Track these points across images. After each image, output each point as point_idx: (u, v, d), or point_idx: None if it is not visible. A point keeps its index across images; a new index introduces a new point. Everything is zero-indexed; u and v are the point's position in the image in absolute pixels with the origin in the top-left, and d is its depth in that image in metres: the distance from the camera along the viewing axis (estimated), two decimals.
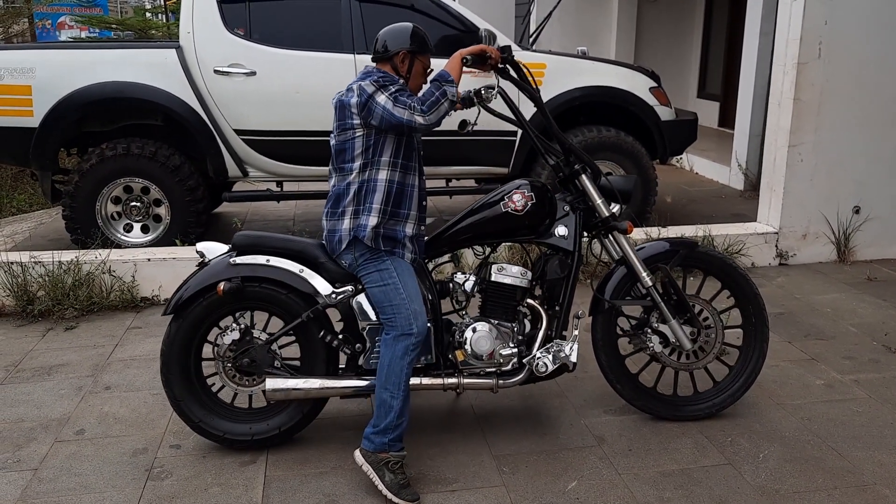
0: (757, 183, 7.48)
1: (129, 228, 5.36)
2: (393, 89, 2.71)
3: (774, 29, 7.27)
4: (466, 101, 3.20)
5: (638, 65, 6.22)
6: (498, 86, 3.08)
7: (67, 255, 4.56)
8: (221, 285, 2.88)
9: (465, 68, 2.86)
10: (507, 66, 3.02)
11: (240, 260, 2.97)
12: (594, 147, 5.48)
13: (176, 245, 4.99)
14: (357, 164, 2.80)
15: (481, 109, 3.19)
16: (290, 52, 5.23)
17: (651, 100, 5.72)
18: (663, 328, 3.12)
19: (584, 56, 5.98)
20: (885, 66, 5.01)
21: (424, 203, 2.99)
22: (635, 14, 10.72)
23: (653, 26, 10.88)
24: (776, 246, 5.23)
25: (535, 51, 5.85)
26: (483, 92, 3.04)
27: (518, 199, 3.00)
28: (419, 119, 2.68)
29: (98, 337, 4.16)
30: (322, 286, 2.96)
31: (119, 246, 5.11)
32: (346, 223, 2.85)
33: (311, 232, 6.12)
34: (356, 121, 2.75)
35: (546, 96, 5.08)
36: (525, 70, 3.07)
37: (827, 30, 4.88)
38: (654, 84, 5.82)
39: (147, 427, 3.20)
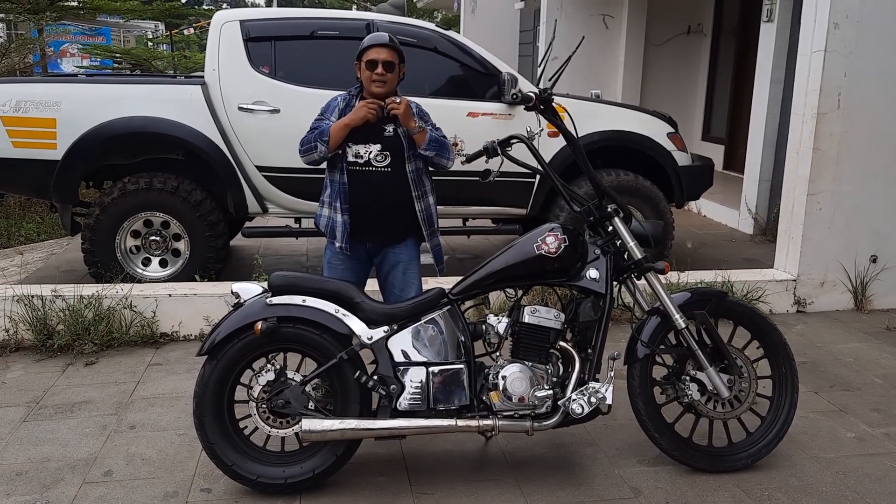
0: (766, 228, 7.56)
1: (147, 262, 5.35)
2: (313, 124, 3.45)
3: (785, 77, 7.44)
4: (490, 152, 3.23)
5: (654, 110, 6.28)
6: (540, 126, 3.11)
7: (89, 289, 4.53)
8: (259, 324, 2.87)
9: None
10: (545, 107, 3.06)
11: (275, 300, 2.97)
12: (613, 191, 5.50)
13: (196, 280, 4.97)
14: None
15: (504, 159, 3.23)
16: (313, 91, 5.25)
17: (669, 145, 5.78)
18: (700, 376, 3.11)
19: (598, 99, 6.06)
20: None
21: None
22: (642, 57, 10.86)
23: (659, 69, 11.03)
24: (794, 293, 5.25)
25: (554, 94, 5.88)
26: (528, 131, 3.09)
27: (552, 241, 3.01)
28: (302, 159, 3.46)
29: (119, 373, 4.11)
30: (358, 327, 2.97)
31: (138, 280, 5.09)
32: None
33: (322, 268, 6.10)
34: None
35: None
36: (566, 113, 3.13)
37: (846, 82, 4.96)
38: (672, 129, 5.88)
39: (176, 469, 3.15)
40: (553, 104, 3.09)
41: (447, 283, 3.41)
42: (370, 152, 3.35)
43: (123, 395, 3.86)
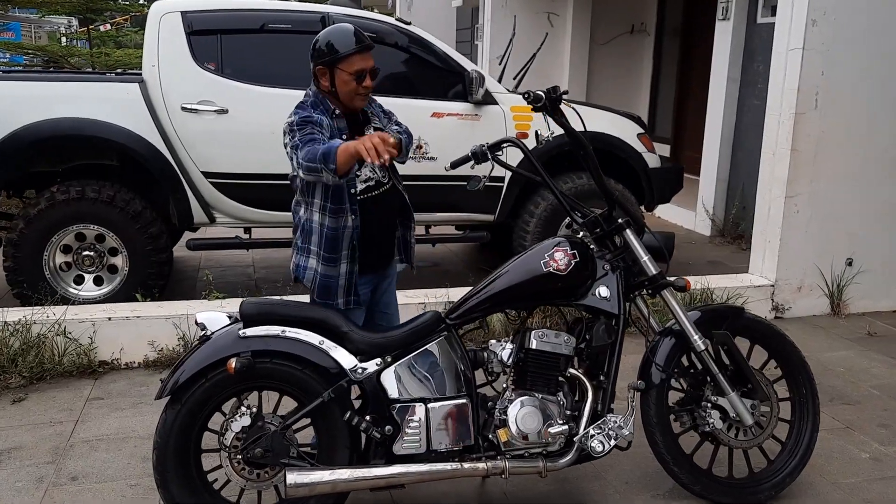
0: (724, 229, 7.46)
1: (80, 280, 4.79)
2: (296, 137, 2.60)
3: (741, 76, 7.35)
4: (479, 157, 2.90)
5: (623, 110, 6.06)
6: (549, 130, 2.81)
7: (14, 314, 3.98)
8: (232, 362, 2.46)
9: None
10: (553, 108, 2.76)
11: (249, 332, 2.56)
12: (584, 194, 5.23)
13: (138, 300, 4.46)
14: (300, 200, 2.80)
15: (494, 165, 2.91)
16: (265, 90, 4.81)
17: (639, 146, 5.56)
18: (721, 402, 2.85)
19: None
20: (879, 119, 4.97)
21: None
22: (587, 56, 10.72)
23: (604, 68, 10.90)
24: (772, 299, 5.09)
25: (520, 93, 5.60)
26: (538, 134, 2.78)
27: (560, 257, 2.70)
28: (300, 173, 2.60)
29: (53, 411, 3.60)
30: (346, 360, 2.59)
31: (70, 301, 4.54)
32: (294, 258, 2.85)
33: (273, 280, 5.68)
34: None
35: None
36: (577, 114, 2.83)
37: (823, 80, 4.81)
38: (641, 130, 5.67)
39: None
40: (562, 105, 2.77)
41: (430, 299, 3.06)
42: (373, 167, 2.80)
43: (60, 438, 3.36)
